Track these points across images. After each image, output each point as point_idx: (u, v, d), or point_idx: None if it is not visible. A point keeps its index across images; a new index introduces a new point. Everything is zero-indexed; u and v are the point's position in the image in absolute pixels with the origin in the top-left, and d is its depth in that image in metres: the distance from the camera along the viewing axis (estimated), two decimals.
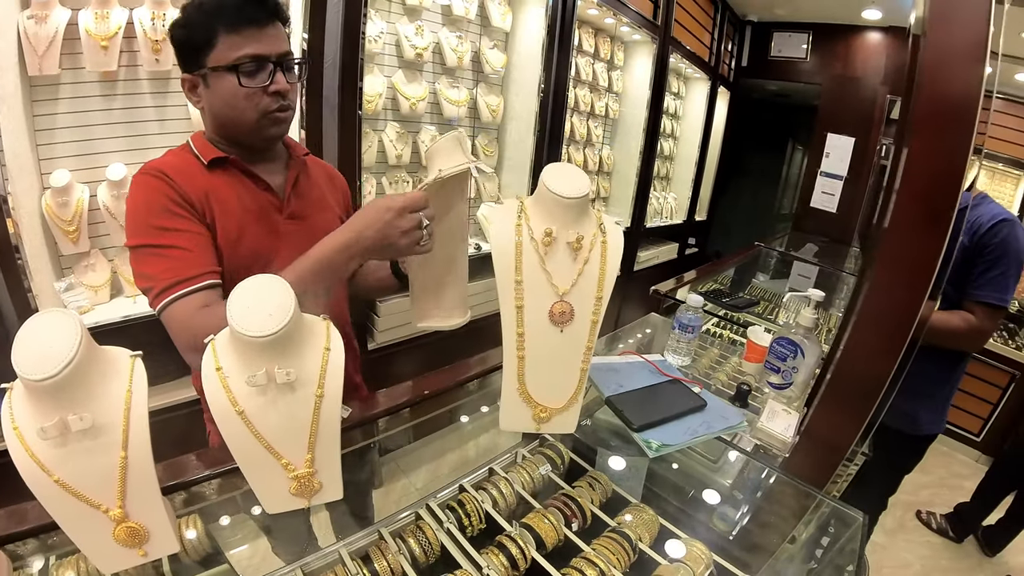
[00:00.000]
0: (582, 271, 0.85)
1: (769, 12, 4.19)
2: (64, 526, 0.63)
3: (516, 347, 0.86)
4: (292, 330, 0.68)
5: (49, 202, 1.69)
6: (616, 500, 1.01)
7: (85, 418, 0.59)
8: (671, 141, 4.20)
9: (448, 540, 0.85)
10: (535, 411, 0.90)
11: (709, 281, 2.50)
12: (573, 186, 0.85)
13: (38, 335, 0.59)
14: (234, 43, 0.92)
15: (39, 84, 1.65)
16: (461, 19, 2.39)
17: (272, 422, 0.69)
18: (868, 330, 0.98)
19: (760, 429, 1.12)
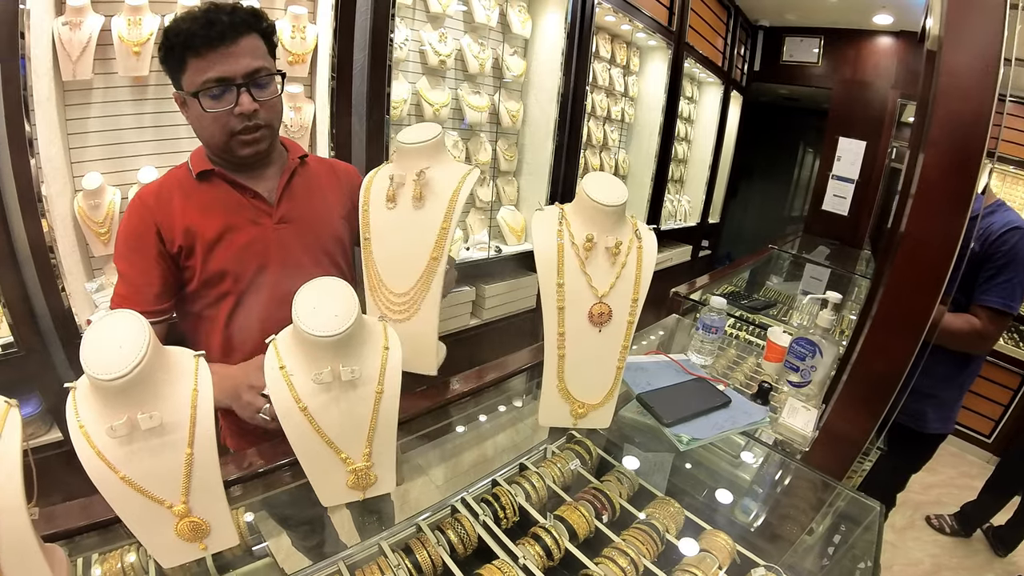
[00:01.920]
0: (620, 274, 0.90)
1: (780, 17, 4.23)
2: (127, 521, 0.65)
3: (557, 346, 0.90)
4: (356, 330, 0.71)
5: (81, 204, 1.73)
6: (643, 494, 1.04)
7: (154, 416, 0.61)
8: (685, 145, 4.23)
9: (484, 532, 0.88)
10: (573, 407, 0.95)
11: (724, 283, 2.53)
12: (612, 194, 0.90)
13: (107, 335, 0.61)
14: (199, 67, 0.93)
15: (72, 89, 1.68)
16: (482, 26, 2.43)
17: (334, 418, 0.73)
18: (883, 330, 1.02)
19: (781, 425, 1.17)
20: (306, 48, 1.91)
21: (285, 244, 1.09)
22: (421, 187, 0.92)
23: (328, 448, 0.74)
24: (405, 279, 0.94)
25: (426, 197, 0.92)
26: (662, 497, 1.01)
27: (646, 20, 3.12)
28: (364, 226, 0.95)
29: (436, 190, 0.93)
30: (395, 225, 0.94)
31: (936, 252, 0.92)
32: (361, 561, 0.84)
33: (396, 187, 0.93)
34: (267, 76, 0.99)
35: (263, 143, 1.03)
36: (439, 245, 0.92)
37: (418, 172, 0.92)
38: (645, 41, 3.42)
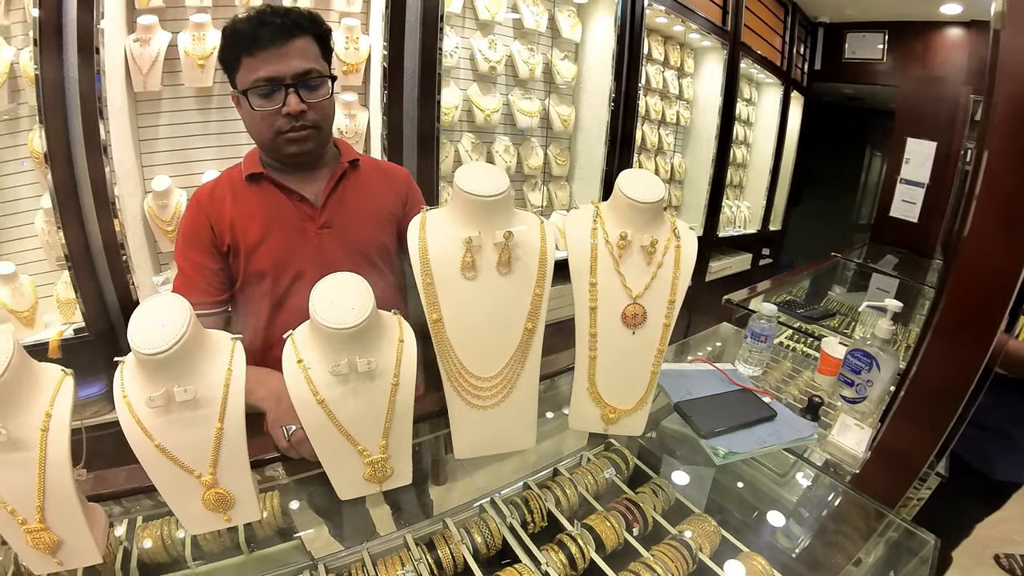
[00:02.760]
0: (656, 274, 0.86)
1: (841, 13, 3.98)
2: (160, 487, 0.69)
3: (588, 347, 0.87)
4: (372, 323, 0.72)
5: (151, 204, 1.86)
6: (679, 509, 1.01)
7: (189, 390, 0.65)
8: (744, 148, 4.08)
9: (510, 535, 0.88)
10: (604, 411, 0.90)
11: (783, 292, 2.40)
12: (648, 191, 0.85)
13: (152, 316, 0.66)
14: (251, 66, 0.96)
15: (143, 99, 1.82)
16: (532, 32, 2.43)
17: (351, 410, 0.74)
18: (945, 341, 0.92)
19: (831, 443, 1.09)
20: (359, 58, 1.97)
21: (326, 249, 1.10)
22: (510, 250, 0.81)
23: (345, 440, 0.75)
24: (495, 360, 0.83)
25: (512, 260, 0.81)
26: (699, 514, 0.97)
27: (699, 20, 3.04)
28: (430, 304, 0.80)
29: (521, 250, 0.82)
30: (478, 300, 0.81)
31: (1003, 254, 0.83)
32: (384, 552, 0.86)
33: (475, 252, 0.80)
34: (317, 78, 0.99)
35: (309, 143, 1.04)
36: (535, 314, 0.83)
37: (505, 234, 0.79)
38: (699, 42, 3.33)
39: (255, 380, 0.79)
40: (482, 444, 0.90)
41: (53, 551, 0.66)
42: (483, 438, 0.89)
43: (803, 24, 4.04)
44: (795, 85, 4.13)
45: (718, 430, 0.99)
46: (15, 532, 0.64)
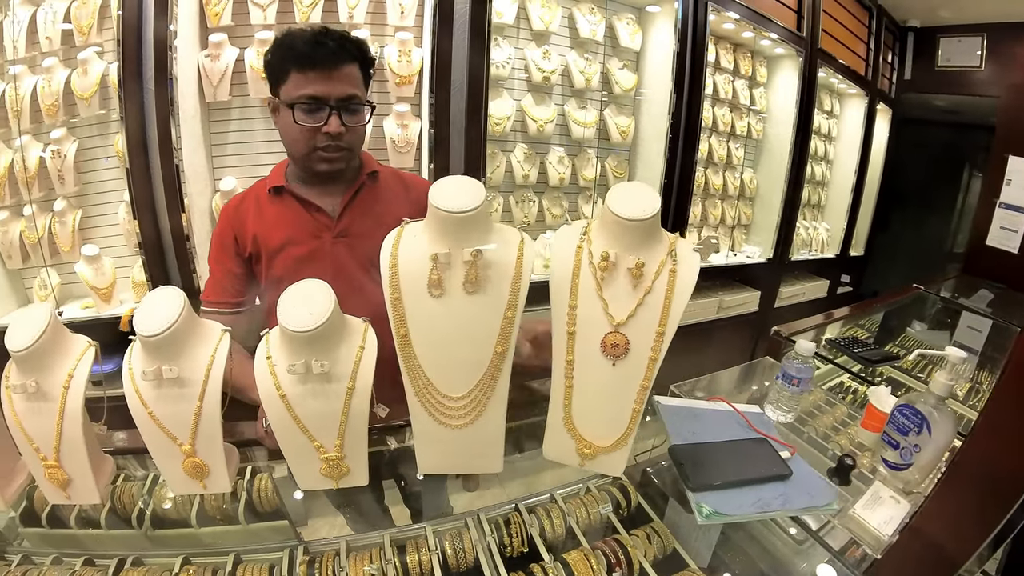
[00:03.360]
0: (642, 301, 0.77)
1: (933, 15, 3.54)
2: (151, 450, 0.79)
3: (564, 374, 0.81)
4: (330, 328, 0.76)
5: (218, 202, 2.03)
6: (674, 559, 0.94)
7: (174, 369, 0.74)
8: (823, 165, 3.77)
9: (484, 554, 0.89)
10: (579, 446, 0.84)
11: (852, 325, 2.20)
12: (637, 206, 0.77)
13: (154, 303, 0.76)
14: (300, 82, 1.01)
15: (214, 108, 1.99)
16: (588, 41, 2.40)
17: (309, 408, 0.78)
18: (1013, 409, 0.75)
19: (851, 517, 0.92)
20: (412, 70, 2.04)
21: (340, 258, 1.14)
22: (478, 269, 0.77)
23: (303, 435, 0.78)
24: (463, 381, 0.80)
25: (482, 281, 0.78)
26: (692, 569, 0.90)
27: (771, 26, 2.86)
28: (397, 319, 0.78)
29: (493, 270, 0.78)
30: (445, 317, 0.78)
31: None
32: (360, 547, 0.91)
33: (442, 269, 0.78)
34: (358, 104, 1.06)
35: (340, 163, 1.10)
36: (505, 337, 0.78)
37: (473, 252, 0.76)
38: (771, 49, 3.13)
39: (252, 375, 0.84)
40: (448, 463, 0.88)
41: (63, 486, 0.79)
42: (449, 457, 0.87)
43: (890, 29, 3.69)
44: (882, 96, 3.78)
45: (712, 484, 0.89)
46: (37, 465, 0.78)
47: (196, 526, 0.98)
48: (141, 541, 0.98)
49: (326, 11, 1.93)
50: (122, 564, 0.86)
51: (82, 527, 0.97)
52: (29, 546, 0.94)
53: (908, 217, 4.22)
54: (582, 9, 2.35)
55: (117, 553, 0.88)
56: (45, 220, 1.94)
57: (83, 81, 1.85)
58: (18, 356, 0.74)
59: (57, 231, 1.95)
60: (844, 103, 3.80)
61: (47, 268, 1.97)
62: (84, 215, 2.01)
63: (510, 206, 2.41)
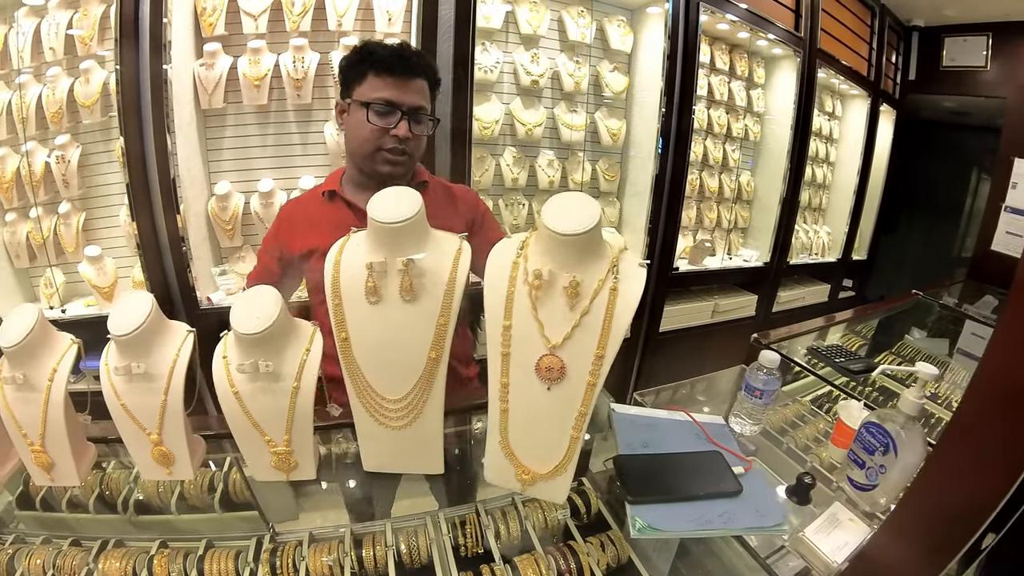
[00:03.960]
0: (579, 323, 0.73)
1: (937, 14, 3.44)
2: (124, 438, 0.86)
3: (500, 398, 0.79)
4: (276, 332, 0.82)
5: (213, 206, 2.10)
6: (630, 569, 0.94)
7: (141, 366, 0.81)
8: (824, 167, 3.71)
9: (437, 553, 0.92)
10: (517, 471, 0.82)
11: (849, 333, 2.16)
12: (573, 220, 0.73)
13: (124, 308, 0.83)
14: (376, 85, 1.11)
15: (209, 115, 2.06)
16: (578, 44, 2.40)
17: (260, 404, 0.83)
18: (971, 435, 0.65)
19: (801, 540, 0.86)
20: None
21: None
22: (411, 278, 0.79)
23: (255, 429, 0.84)
24: (400, 385, 0.83)
25: (417, 289, 0.80)
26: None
27: (767, 27, 2.82)
28: (338, 324, 0.81)
29: (428, 278, 0.80)
30: (381, 323, 0.80)
31: None
32: (322, 538, 0.95)
33: (378, 278, 0.80)
34: (426, 116, 1.17)
35: (401, 168, 1.18)
36: (438, 343, 0.80)
37: (405, 261, 0.78)
38: (769, 50, 3.08)
39: None
40: (390, 461, 0.92)
41: (48, 469, 0.87)
42: (391, 456, 0.90)
43: (894, 28, 3.60)
44: (886, 97, 3.69)
45: (652, 497, 0.86)
46: (24, 451, 0.85)
47: (175, 513, 1.05)
48: (125, 526, 1.05)
49: (315, 19, 1.98)
50: (105, 545, 0.93)
51: (72, 511, 1.05)
52: (25, 528, 1.02)
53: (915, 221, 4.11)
54: (571, 12, 2.35)
55: (102, 536, 0.95)
56: (51, 222, 2.03)
57: (85, 89, 1.93)
58: (9, 351, 0.82)
59: (62, 232, 2.04)
60: (846, 104, 3.73)
61: (52, 268, 2.06)
62: (88, 217, 2.09)
63: (499, 209, 2.42)
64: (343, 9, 1.98)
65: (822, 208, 3.87)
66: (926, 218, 4.12)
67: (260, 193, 2.10)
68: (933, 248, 4.09)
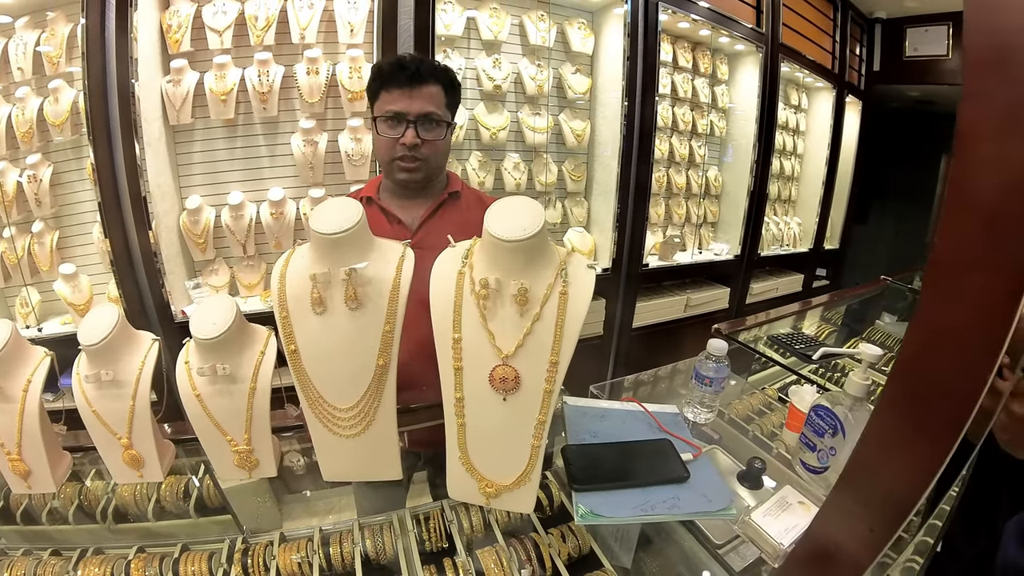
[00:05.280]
0: (530, 330, 0.73)
1: (899, 6, 3.53)
2: (96, 443, 0.89)
3: (455, 413, 0.78)
4: (232, 337, 0.85)
5: (184, 220, 2.13)
6: (592, 560, 0.95)
7: (110, 373, 0.85)
8: (793, 159, 3.77)
9: (402, 549, 0.95)
10: (480, 485, 0.81)
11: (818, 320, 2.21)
12: (516, 225, 0.72)
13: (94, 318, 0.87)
14: (386, 99, 1.16)
15: (177, 130, 2.09)
16: (540, 48, 2.44)
17: (219, 406, 0.87)
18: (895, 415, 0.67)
19: (748, 523, 0.86)
20: (363, 85, 2.09)
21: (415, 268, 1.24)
22: (355, 287, 0.79)
23: (217, 430, 0.88)
24: (350, 393, 0.83)
25: (361, 297, 0.79)
26: (606, 569, 0.92)
27: (728, 23, 2.87)
28: (287, 336, 0.81)
29: (372, 286, 0.80)
30: (328, 334, 0.81)
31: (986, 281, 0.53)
32: (293, 539, 0.98)
33: (322, 288, 0.80)
34: (436, 121, 1.18)
35: (418, 174, 1.20)
36: (386, 350, 0.80)
37: (347, 271, 0.77)
38: (731, 47, 3.13)
39: None
40: (347, 470, 0.93)
41: (24, 477, 0.89)
42: (348, 464, 0.91)
43: (857, 21, 3.67)
44: (851, 89, 3.77)
45: (596, 485, 0.87)
46: (2, 459, 0.88)
47: (153, 520, 1.09)
48: (104, 534, 1.08)
49: (279, 32, 2.02)
50: (84, 553, 0.96)
51: (53, 523, 1.09)
52: (5, 543, 1.05)
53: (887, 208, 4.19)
54: (531, 17, 2.39)
55: (82, 544, 0.98)
56: (24, 241, 2.05)
57: (55, 108, 1.95)
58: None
59: (36, 251, 2.07)
60: (812, 97, 3.80)
61: (27, 287, 2.08)
62: (61, 235, 2.12)
63: None
64: (305, 22, 2.02)
65: (792, 200, 3.92)
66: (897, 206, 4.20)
67: (230, 206, 2.14)
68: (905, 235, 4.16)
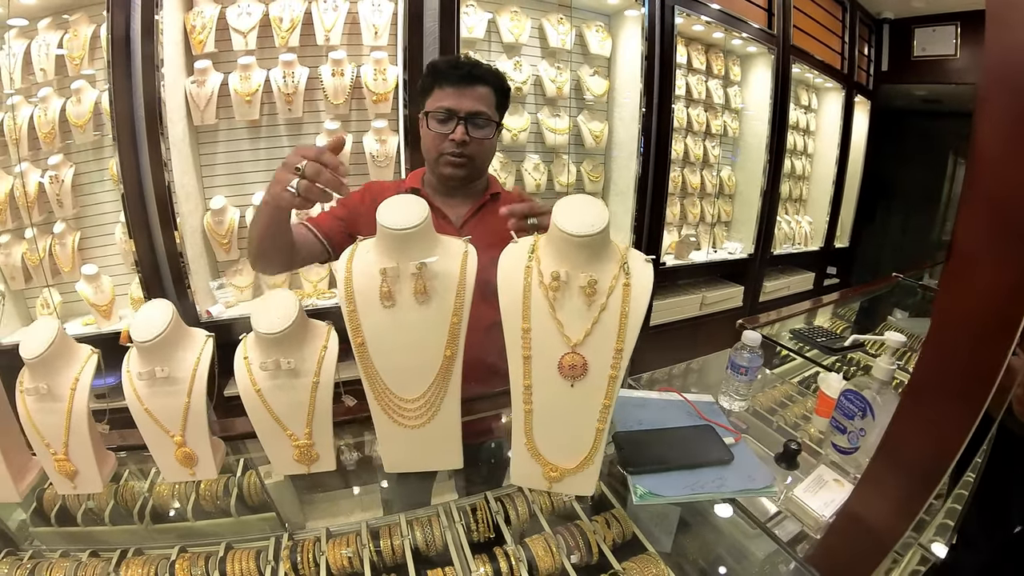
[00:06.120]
0: (598, 319, 0.77)
1: (906, 6, 3.57)
2: (147, 441, 0.88)
3: (523, 400, 0.81)
4: (296, 331, 0.86)
5: (209, 220, 2.13)
6: (635, 544, 0.96)
7: (165, 370, 0.85)
8: (803, 159, 3.81)
9: (452, 539, 0.95)
10: (544, 470, 0.84)
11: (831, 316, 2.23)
12: (584, 221, 0.76)
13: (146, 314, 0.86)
14: (438, 96, 1.17)
15: (202, 131, 2.10)
16: (559, 50, 2.47)
17: (280, 400, 0.87)
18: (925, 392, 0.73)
19: (791, 500, 0.94)
20: (388, 87, 2.13)
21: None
22: (424, 281, 0.82)
23: (276, 424, 0.87)
24: (417, 384, 0.85)
25: (429, 291, 0.82)
26: (650, 553, 0.93)
27: (741, 26, 2.91)
28: (354, 330, 0.83)
29: (439, 280, 0.83)
30: (396, 327, 0.83)
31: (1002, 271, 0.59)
32: (340, 534, 0.98)
33: (391, 282, 0.83)
34: (485, 120, 1.18)
35: (463, 171, 1.21)
36: (453, 342, 0.83)
37: (418, 265, 0.80)
38: (744, 48, 3.18)
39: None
40: (410, 461, 0.94)
41: (71, 477, 0.89)
42: (411, 455, 0.92)
43: (865, 22, 3.71)
44: (859, 89, 3.80)
45: (649, 467, 0.93)
46: (48, 460, 0.87)
47: (192, 519, 1.07)
48: (142, 534, 1.06)
49: (304, 34, 2.03)
50: (124, 555, 0.94)
51: (88, 524, 1.07)
52: (40, 544, 1.02)
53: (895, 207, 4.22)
54: (551, 20, 2.42)
55: (121, 545, 0.96)
56: (46, 242, 2.05)
57: (77, 109, 1.95)
58: (31, 363, 0.84)
59: (57, 252, 2.06)
60: (822, 97, 3.84)
61: (49, 288, 2.07)
62: (83, 236, 2.12)
63: None
64: (330, 24, 2.03)
65: (803, 199, 3.96)
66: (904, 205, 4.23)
67: (255, 207, 2.14)
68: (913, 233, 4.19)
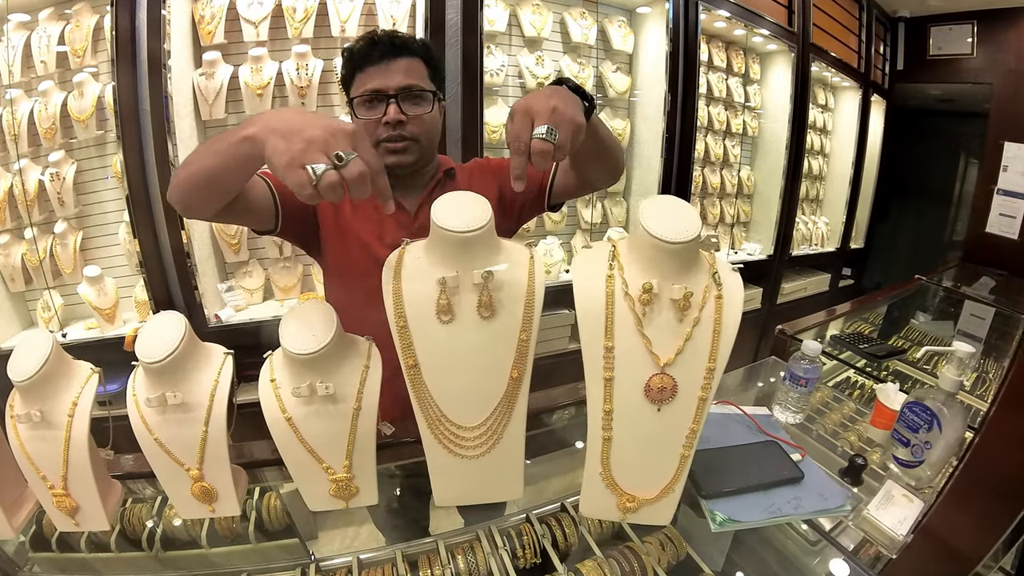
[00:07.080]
0: (690, 335, 0.68)
1: (923, 5, 3.52)
2: (158, 475, 0.78)
3: (602, 426, 0.71)
4: (332, 350, 0.74)
5: None
6: (688, 565, 0.91)
7: (178, 395, 0.73)
8: (820, 159, 3.77)
9: (496, 566, 0.87)
10: (620, 500, 0.75)
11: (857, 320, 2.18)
12: (678, 226, 0.65)
13: (155, 331, 0.75)
14: (362, 80, 1.03)
15: (210, 126, 2.00)
16: (581, 45, 2.40)
17: (315, 430, 0.75)
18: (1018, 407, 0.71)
19: (865, 518, 0.90)
20: None
21: None
22: (491, 292, 0.71)
23: (310, 456, 0.76)
24: (479, 409, 0.75)
25: (495, 303, 0.71)
26: (706, 574, 0.88)
27: (762, 23, 2.85)
28: (405, 348, 0.72)
29: (504, 291, 0.71)
30: (455, 345, 0.72)
31: None
32: (373, 562, 0.89)
33: (451, 294, 0.71)
34: (419, 92, 1.04)
35: (408, 155, 1.07)
36: (521, 361, 0.72)
37: (483, 274, 0.69)
38: (764, 46, 3.12)
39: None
40: (465, 493, 0.84)
41: (72, 514, 0.79)
42: (466, 487, 0.82)
43: (881, 20, 3.68)
44: (875, 88, 3.77)
45: (724, 491, 0.87)
46: (44, 494, 0.77)
47: (206, 547, 0.97)
48: (151, 563, 0.97)
49: (318, 25, 1.94)
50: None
51: (92, 551, 0.96)
52: (40, 571, 0.93)
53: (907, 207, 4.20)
54: (573, 14, 2.35)
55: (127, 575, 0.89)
56: (46, 242, 1.95)
57: (79, 103, 1.85)
58: (22, 386, 0.73)
59: (58, 253, 1.96)
60: (838, 96, 3.79)
61: (50, 290, 1.97)
62: (85, 236, 2.01)
63: None
64: (346, 14, 1.94)
65: (819, 199, 3.92)
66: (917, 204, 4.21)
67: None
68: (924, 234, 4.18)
